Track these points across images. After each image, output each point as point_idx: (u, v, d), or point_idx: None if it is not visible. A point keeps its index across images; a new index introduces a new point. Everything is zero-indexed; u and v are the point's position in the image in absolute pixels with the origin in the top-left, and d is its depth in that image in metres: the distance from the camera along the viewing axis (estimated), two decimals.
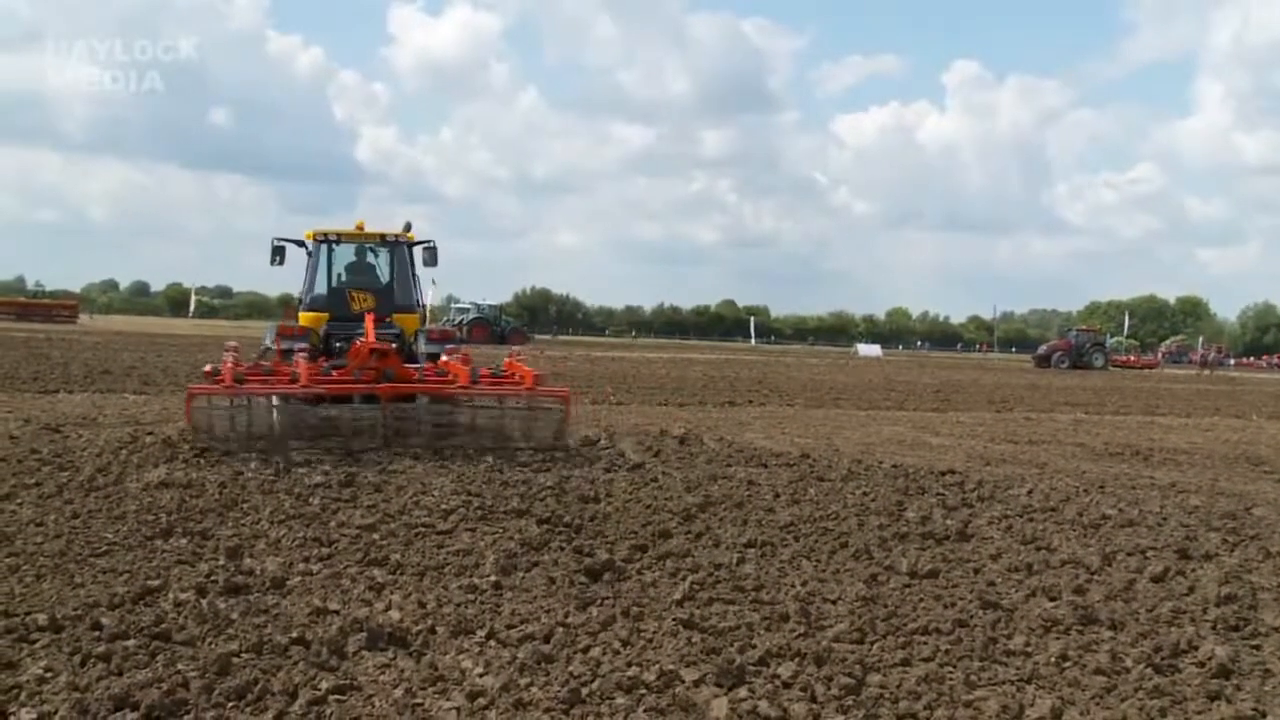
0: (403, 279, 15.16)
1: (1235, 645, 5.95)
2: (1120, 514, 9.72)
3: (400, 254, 15.18)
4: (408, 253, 15.23)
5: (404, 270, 15.15)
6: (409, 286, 15.20)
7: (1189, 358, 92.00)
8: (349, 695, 4.77)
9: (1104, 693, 5.20)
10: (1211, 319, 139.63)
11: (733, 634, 5.78)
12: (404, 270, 15.15)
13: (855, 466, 12.23)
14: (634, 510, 9.04)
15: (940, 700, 4.99)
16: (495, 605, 6.18)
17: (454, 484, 9.72)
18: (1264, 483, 13.08)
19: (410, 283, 15.21)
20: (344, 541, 7.47)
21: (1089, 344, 64.93)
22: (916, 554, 7.84)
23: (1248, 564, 7.98)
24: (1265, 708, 5.00)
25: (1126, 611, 6.55)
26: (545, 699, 4.76)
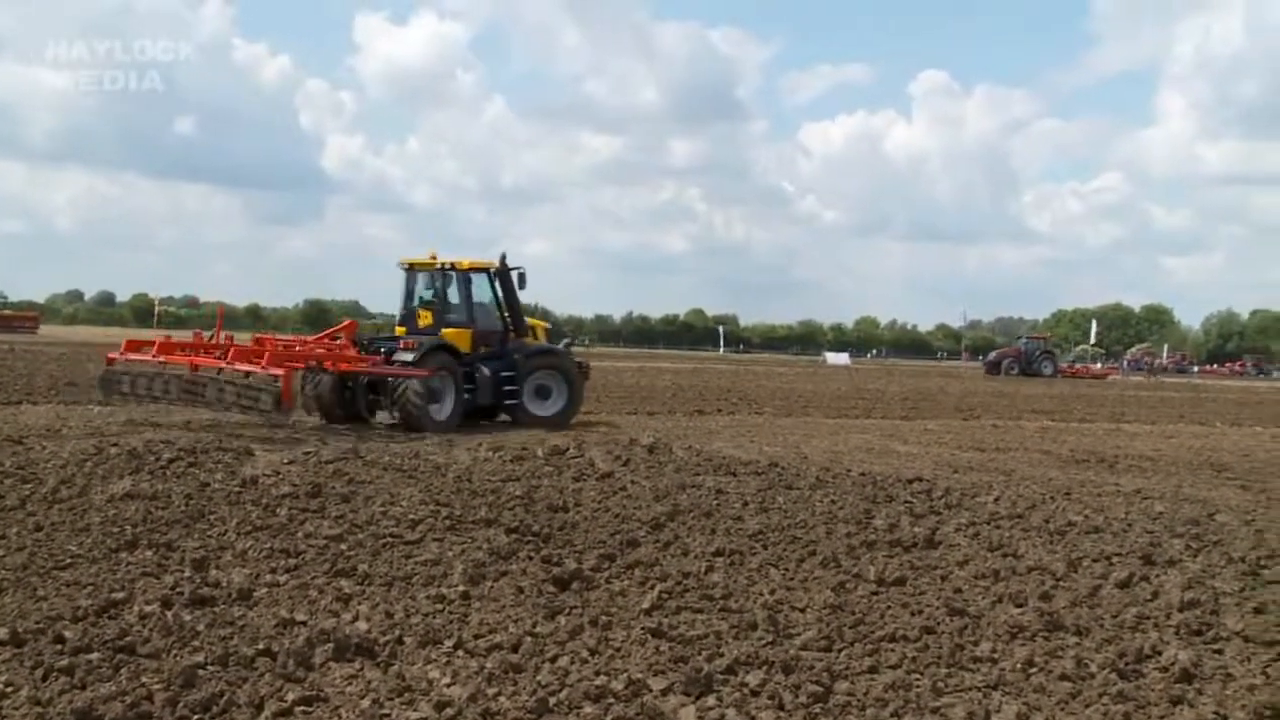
0: (459, 300, 18.14)
1: (1198, 650, 6.01)
2: (1086, 521, 9.78)
3: (457, 279, 18.13)
4: (463, 278, 18.10)
5: (462, 292, 18.12)
6: (463, 307, 18.08)
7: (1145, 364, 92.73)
8: (315, 706, 4.75)
9: (1069, 698, 5.24)
10: (1176, 327, 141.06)
11: (701, 643, 5.79)
12: (462, 292, 18.12)
13: (823, 475, 12.26)
14: (602, 519, 9.04)
15: (907, 707, 5.02)
16: (463, 615, 6.17)
17: (422, 494, 9.68)
18: (1227, 489, 13.20)
19: (464, 303, 18.09)
20: (311, 552, 7.42)
21: (1039, 352, 65.56)
22: (884, 562, 7.87)
23: (1210, 569, 8.05)
24: (1226, 711, 5.05)
25: (1092, 617, 6.60)
26: (513, 709, 4.75)
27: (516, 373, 17.94)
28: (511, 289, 18.43)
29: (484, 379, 17.53)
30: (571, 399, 18.54)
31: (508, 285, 18.41)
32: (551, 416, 18.08)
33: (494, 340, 18.36)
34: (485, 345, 18.23)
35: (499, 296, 18.48)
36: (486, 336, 18.30)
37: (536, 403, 18.27)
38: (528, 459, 12.36)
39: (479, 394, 17.55)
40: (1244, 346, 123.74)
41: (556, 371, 18.55)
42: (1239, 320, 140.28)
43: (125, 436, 12.97)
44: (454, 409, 17.01)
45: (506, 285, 18.40)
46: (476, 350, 17.96)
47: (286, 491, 9.41)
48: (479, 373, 17.56)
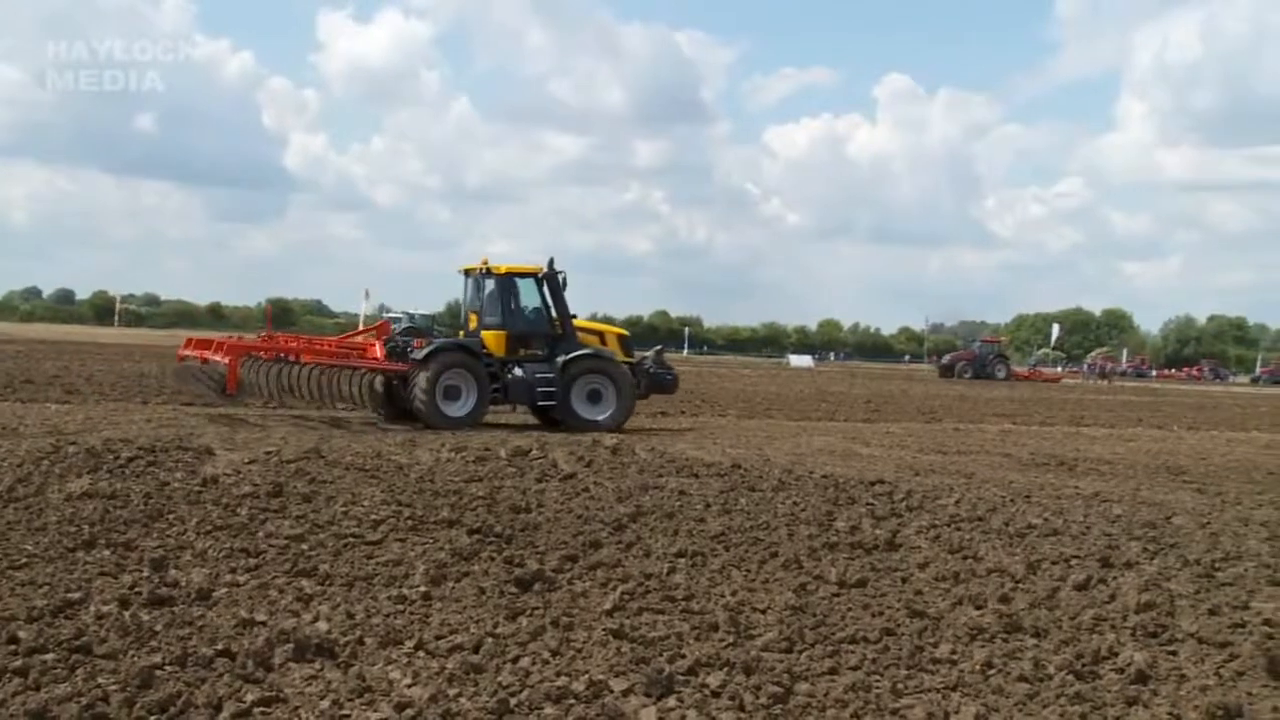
0: (495, 303, 18.75)
1: (1153, 651, 6.07)
2: (1045, 523, 9.87)
3: (497, 283, 18.71)
4: (499, 282, 18.68)
5: (499, 295, 18.69)
6: (498, 309, 18.68)
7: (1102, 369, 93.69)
8: (275, 707, 4.71)
9: (1027, 699, 5.28)
10: (1135, 331, 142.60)
11: (662, 644, 5.80)
12: (499, 295, 18.69)
13: (786, 477, 12.31)
14: (565, 520, 9.03)
15: (867, 708, 5.04)
16: (424, 616, 6.15)
17: (384, 494, 9.65)
18: (1183, 492, 13.35)
19: (501, 306, 18.65)
20: (272, 552, 7.38)
21: (991, 355, 66.31)
22: (845, 563, 7.90)
23: (1166, 572, 8.14)
24: (1180, 712, 5.11)
25: (1050, 619, 6.66)
26: (474, 710, 4.74)
27: (557, 376, 18.26)
28: (559, 294, 18.82)
29: (514, 381, 18.28)
30: (620, 404, 18.65)
31: (555, 290, 18.82)
32: (600, 421, 18.32)
33: (537, 343, 18.79)
34: (524, 348, 18.72)
35: (546, 301, 18.90)
36: (525, 339, 18.75)
37: (587, 407, 18.52)
38: (490, 460, 12.35)
39: (509, 395, 18.39)
40: (1201, 351, 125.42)
41: (605, 376, 18.67)
42: (1196, 325, 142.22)
43: (83, 435, 12.86)
44: (474, 407, 17.80)
45: (554, 290, 18.82)
46: (514, 352, 18.54)
47: (247, 491, 9.36)
48: (510, 374, 18.31)
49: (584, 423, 18.13)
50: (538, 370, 18.36)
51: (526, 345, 18.73)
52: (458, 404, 17.75)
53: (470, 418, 17.68)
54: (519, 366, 18.44)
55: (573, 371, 18.34)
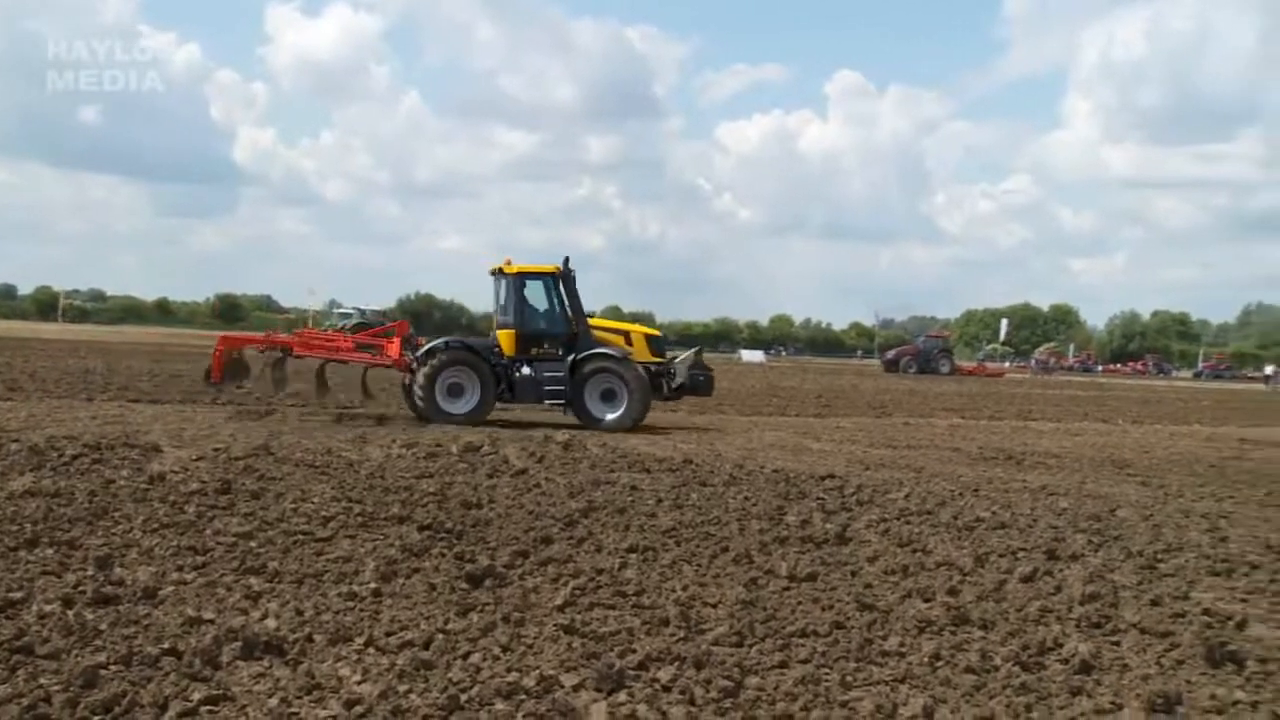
0: (508, 303, 18.81)
1: (1097, 642, 6.16)
2: (993, 516, 9.99)
3: (508, 283, 18.80)
4: (510, 281, 18.75)
5: (512, 296, 18.73)
6: (511, 309, 18.71)
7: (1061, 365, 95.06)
8: (222, 706, 4.67)
9: (974, 690, 5.34)
10: (1082, 327, 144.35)
11: (613, 639, 5.80)
12: (512, 296, 18.73)
13: (737, 471, 12.36)
14: (516, 516, 9.02)
15: (817, 701, 5.07)
16: (375, 612, 6.12)
17: (334, 491, 9.59)
18: (1128, 485, 13.55)
19: (513, 306, 18.70)
20: (220, 550, 7.31)
21: (936, 350, 66.93)
22: (796, 557, 7.95)
23: (1110, 564, 8.26)
24: (1122, 701, 5.18)
25: (997, 611, 6.73)
26: (424, 706, 4.73)
27: (566, 375, 18.26)
28: (574, 292, 18.85)
29: (521, 379, 18.47)
30: (631, 405, 18.36)
31: (570, 289, 18.85)
32: (610, 421, 18.24)
33: (550, 343, 18.77)
34: (537, 347, 18.74)
35: (561, 300, 18.90)
36: (536, 338, 18.77)
37: (600, 406, 18.44)
38: (441, 456, 12.31)
39: (516, 394, 18.52)
40: (1145, 346, 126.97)
41: (617, 376, 18.47)
42: (1141, 321, 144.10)
43: (26, 432, 12.67)
44: (475, 406, 18.00)
45: (569, 289, 18.85)
46: (526, 351, 18.66)
47: (195, 488, 9.27)
48: (518, 373, 18.48)
49: (596, 422, 18.10)
50: (547, 369, 18.43)
51: (539, 344, 18.73)
52: (460, 402, 18.03)
53: (471, 416, 17.79)
54: (528, 365, 18.52)
55: (584, 371, 18.31)
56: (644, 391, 18.48)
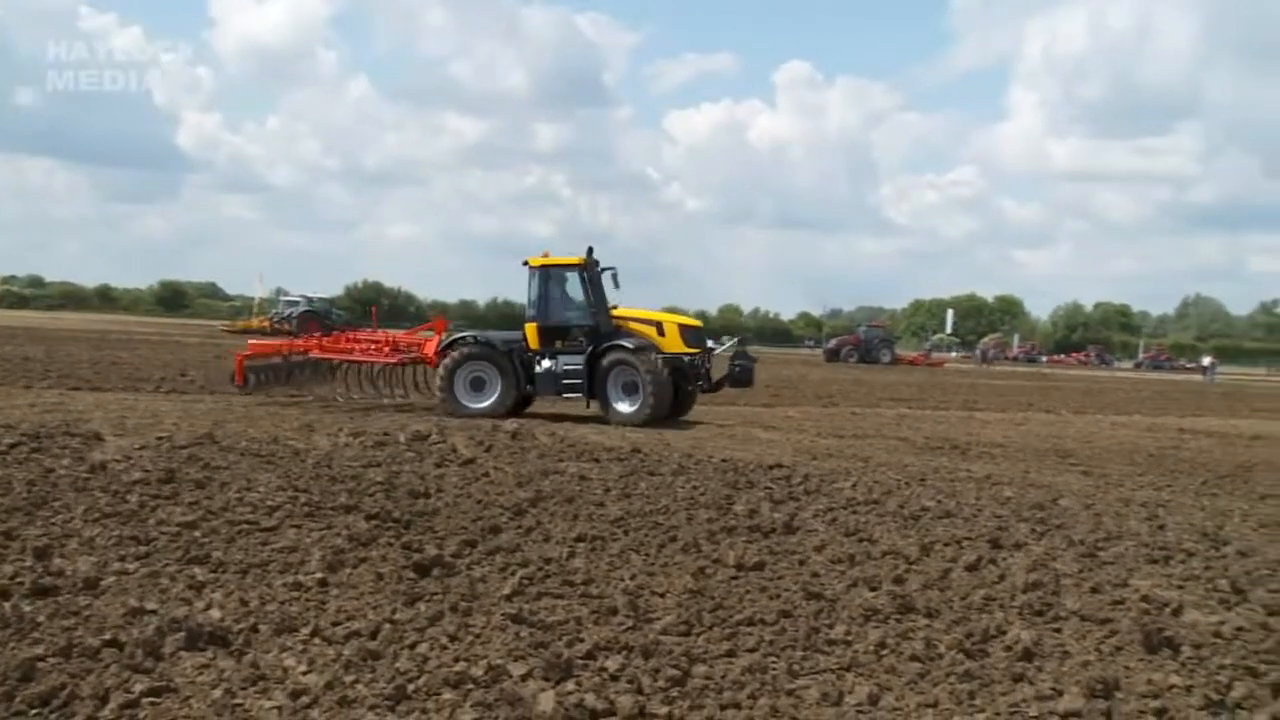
0: (534, 297, 18.67)
1: (1039, 629, 6.25)
2: (938, 506, 10.08)
3: (533, 277, 18.65)
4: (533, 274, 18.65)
5: (536, 289, 18.63)
6: (535, 302, 18.63)
7: (1004, 355, 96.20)
8: (165, 698, 4.63)
9: (918, 678, 5.40)
10: (1026, 317, 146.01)
11: (561, 628, 5.81)
12: (536, 289, 18.63)
13: (685, 461, 12.40)
14: (464, 505, 9.00)
15: (763, 690, 5.11)
16: (321, 602, 6.08)
17: (280, 480, 9.51)
18: (1070, 474, 13.74)
19: (536, 299, 18.63)
20: (163, 540, 7.22)
21: (877, 340, 67.67)
22: (744, 547, 7.99)
23: (1053, 552, 8.37)
24: (1062, 687, 5.26)
25: (941, 600, 6.81)
26: (370, 696, 4.71)
27: (584, 367, 18.15)
28: (597, 284, 18.68)
29: (542, 373, 18.42)
30: (644, 399, 17.80)
31: (594, 281, 18.66)
32: (624, 415, 17.86)
33: (573, 335, 18.55)
34: (561, 340, 18.56)
35: (586, 292, 18.70)
36: (560, 331, 18.61)
37: (623, 399, 18.10)
38: (389, 445, 12.25)
39: (537, 387, 18.51)
40: (1088, 337, 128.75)
41: (634, 370, 17.97)
42: (1084, 312, 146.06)
43: None
44: (494, 400, 18.15)
45: (593, 281, 18.65)
46: (549, 344, 18.51)
47: (138, 478, 9.14)
48: (538, 366, 18.43)
49: (617, 416, 17.87)
50: (566, 362, 18.27)
51: (563, 337, 18.55)
52: (481, 395, 18.23)
53: (490, 410, 17.77)
54: (549, 359, 18.38)
55: (604, 364, 18.06)
56: (660, 385, 17.80)
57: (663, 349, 18.44)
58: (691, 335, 19.06)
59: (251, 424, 14.15)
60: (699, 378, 18.84)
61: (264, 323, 63.12)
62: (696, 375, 18.80)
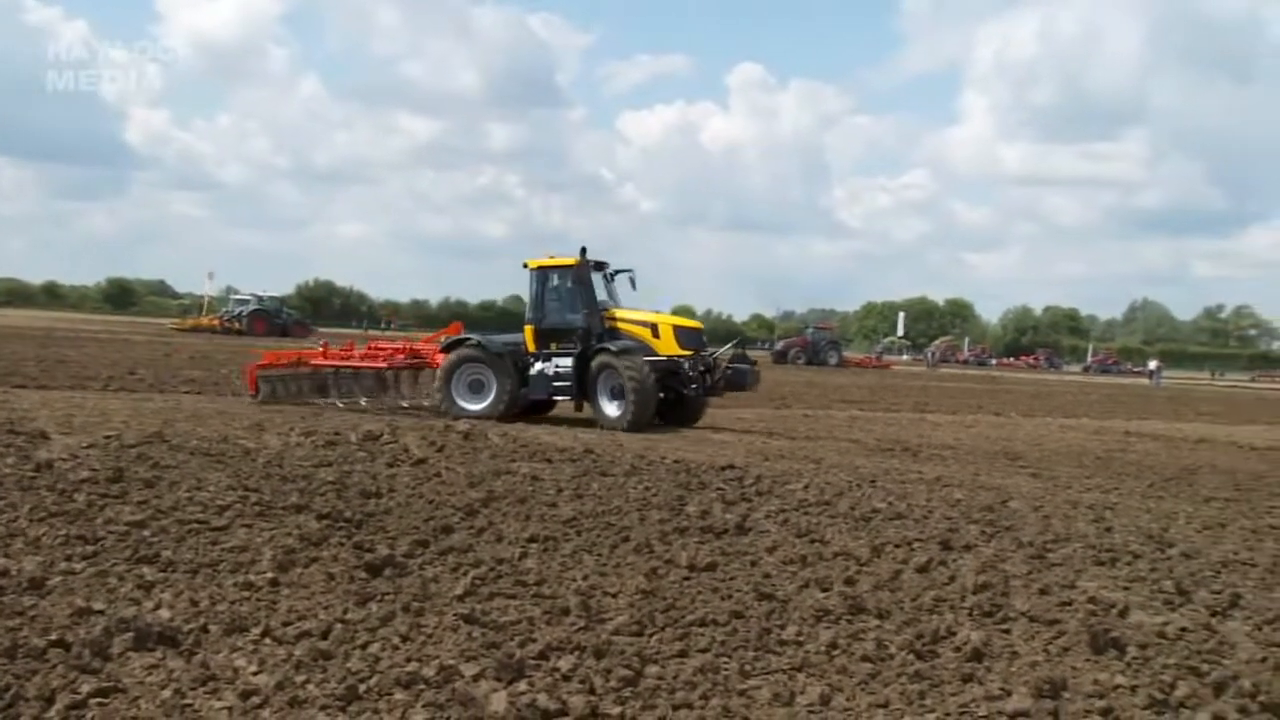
0: (531, 299, 18.80)
1: (988, 630, 6.32)
2: (889, 507, 10.16)
3: (531, 279, 18.72)
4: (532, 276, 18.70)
5: (533, 292, 18.74)
6: (531, 305, 18.80)
7: (955, 358, 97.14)
8: (112, 698, 4.57)
9: (869, 678, 5.44)
10: (977, 320, 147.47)
11: (513, 628, 5.81)
12: (533, 292, 18.74)
13: (638, 462, 12.42)
14: (416, 505, 8.97)
15: (715, 690, 5.13)
16: (271, 602, 6.04)
17: (230, 479, 9.43)
18: (1019, 477, 13.90)
19: (533, 301, 18.77)
20: (111, 539, 7.13)
21: (824, 342, 68.32)
22: (696, 547, 8.02)
23: (1002, 554, 8.46)
24: (1011, 687, 5.32)
25: (892, 601, 6.87)
26: (321, 696, 4.69)
27: (572, 370, 17.94)
28: (586, 285, 18.46)
29: (535, 376, 18.29)
30: (629, 403, 17.26)
31: (585, 282, 18.48)
32: (614, 419, 17.48)
33: (568, 337, 18.31)
34: (555, 341, 18.36)
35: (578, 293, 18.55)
36: (555, 334, 18.41)
37: (611, 403, 17.72)
38: (340, 444, 12.18)
39: (531, 389, 18.34)
40: (1037, 340, 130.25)
41: (617, 373, 17.47)
42: (1033, 315, 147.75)
43: None
44: (489, 403, 18.05)
45: (584, 282, 18.48)
46: (545, 346, 18.39)
47: (85, 476, 9.03)
48: (533, 369, 18.33)
49: (603, 419, 17.61)
50: (559, 365, 18.08)
51: (558, 340, 18.34)
52: (479, 398, 18.18)
53: (485, 412, 17.73)
54: (543, 361, 18.25)
55: (592, 367, 17.76)
56: (643, 389, 17.21)
57: (657, 351, 18.10)
58: (688, 337, 18.59)
59: (201, 423, 14.01)
60: (694, 381, 18.24)
61: (214, 321, 62.50)
62: (691, 379, 18.22)
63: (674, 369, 18.09)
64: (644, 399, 17.28)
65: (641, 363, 17.45)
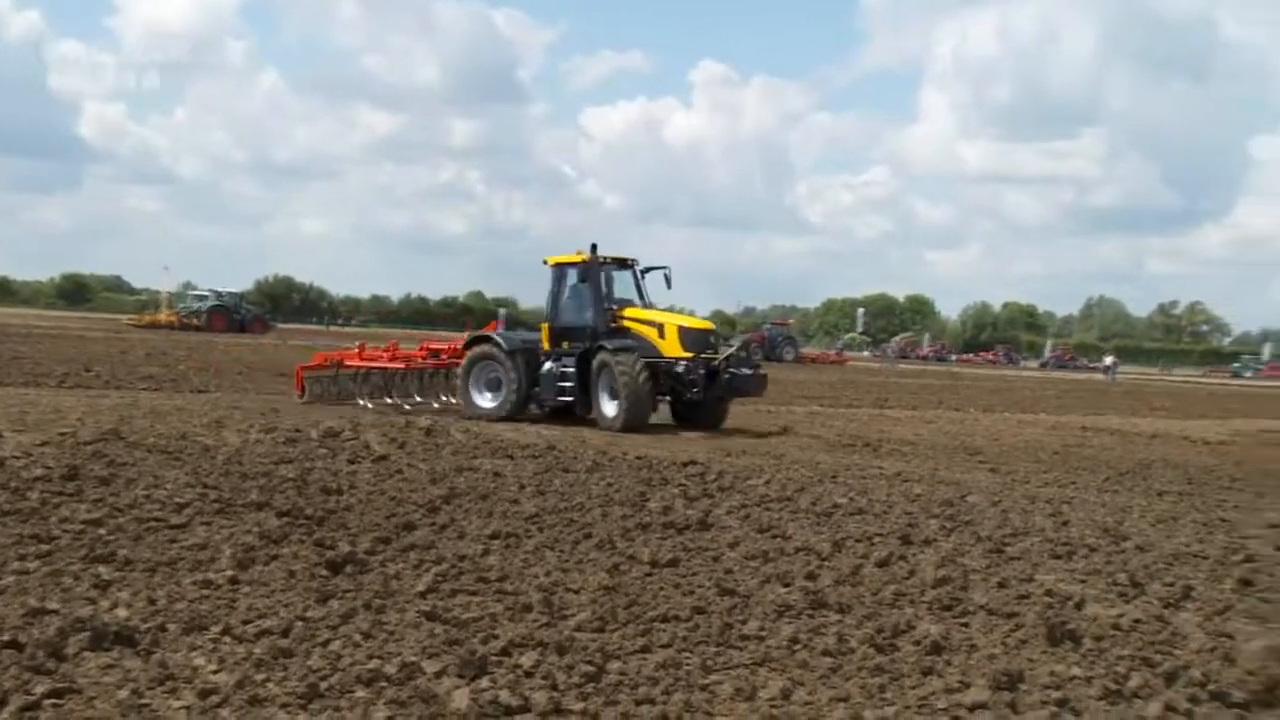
0: (548, 297, 18.53)
1: (947, 623, 6.37)
2: (850, 502, 10.21)
3: (551, 275, 18.45)
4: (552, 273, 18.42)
5: (550, 289, 18.46)
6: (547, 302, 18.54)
7: (915, 354, 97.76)
8: (67, 699, 4.52)
9: (830, 673, 5.47)
10: (937, 317, 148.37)
11: (476, 625, 5.80)
12: (550, 289, 18.46)
13: (600, 458, 12.41)
14: (378, 502, 8.93)
15: (678, 685, 5.15)
16: (231, 600, 5.99)
17: (189, 476, 9.34)
18: (978, 472, 14.01)
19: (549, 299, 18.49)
20: (66, 538, 7.06)
21: (780, 338, 68.71)
22: (658, 543, 8.04)
23: (961, 548, 8.54)
24: (969, 680, 5.37)
25: (853, 595, 6.91)
26: (282, 694, 4.66)
27: (578, 371, 17.47)
28: (595, 283, 17.98)
29: (544, 375, 17.92)
30: (622, 404, 16.71)
31: (593, 280, 18.00)
32: (610, 420, 17.00)
33: (578, 336, 17.88)
34: (567, 341, 17.98)
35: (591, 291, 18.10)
36: (568, 332, 18.08)
37: (611, 403, 17.12)
38: (301, 441, 12.09)
39: (541, 389, 17.97)
40: (996, 337, 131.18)
41: (612, 372, 16.89)
42: (992, 311, 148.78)
43: None
44: (502, 401, 17.90)
45: (592, 280, 17.99)
46: (558, 345, 18.05)
47: (39, 474, 8.91)
48: (543, 368, 17.99)
49: (601, 419, 17.16)
50: (565, 364, 17.64)
51: (569, 338, 17.96)
52: (496, 396, 18.10)
53: (498, 411, 17.65)
54: (553, 360, 17.89)
55: (593, 366, 17.26)
56: (634, 389, 16.56)
57: (662, 352, 17.38)
58: (694, 339, 17.63)
59: (159, 420, 13.86)
60: (694, 385, 17.24)
61: (172, 317, 61.81)
62: (692, 383, 17.24)
63: (672, 371, 17.38)
64: (636, 399, 16.70)
65: (634, 361, 16.83)
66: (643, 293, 18.85)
